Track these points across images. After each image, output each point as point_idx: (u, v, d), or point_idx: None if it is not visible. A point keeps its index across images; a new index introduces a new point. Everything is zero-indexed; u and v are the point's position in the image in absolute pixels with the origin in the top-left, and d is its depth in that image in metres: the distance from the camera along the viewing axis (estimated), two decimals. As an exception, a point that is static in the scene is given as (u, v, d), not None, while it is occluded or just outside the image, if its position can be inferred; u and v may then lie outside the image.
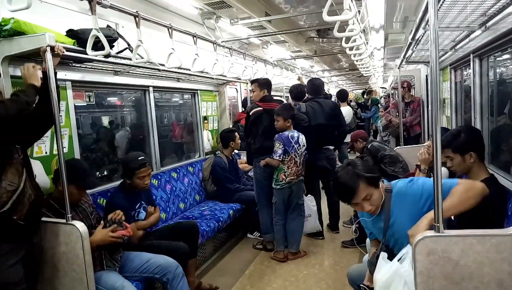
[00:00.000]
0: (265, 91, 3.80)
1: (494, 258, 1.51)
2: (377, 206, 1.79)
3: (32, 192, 1.85)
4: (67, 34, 2.26)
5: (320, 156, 3.97)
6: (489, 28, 2.39)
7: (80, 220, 2.26)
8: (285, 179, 3.44)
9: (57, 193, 2.27)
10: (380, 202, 1.79)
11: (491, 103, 2.84)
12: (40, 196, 1.97)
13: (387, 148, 4.00)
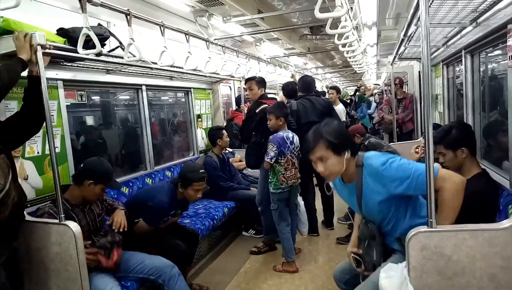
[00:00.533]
0: (262, 89, 3.77)
1: (487, 253, 1.53)
2: (332, 173, 1.76)
3: (16, 194, 1.80)
4: (58, 33, 2.23)
5: None
6: (480, 24, 2.40)
7: (86, 222, 2.29)
8: (286, 182, 3.27)
9: (75, 192, 2.26)
10: (338, 171, 1.75)
11: (483, 99, 2.86)
12: (23, 198, 1.92)
13: (384, 144, 4.00)
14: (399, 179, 1.64)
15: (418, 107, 5.75)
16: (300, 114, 3.82)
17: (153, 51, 2.86)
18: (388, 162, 1.68)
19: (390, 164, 1.67)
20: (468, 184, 2.02)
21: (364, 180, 1.75)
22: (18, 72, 1.85)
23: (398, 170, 1.65)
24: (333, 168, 1.73)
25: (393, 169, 1.65)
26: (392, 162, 1.68)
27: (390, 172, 1.65)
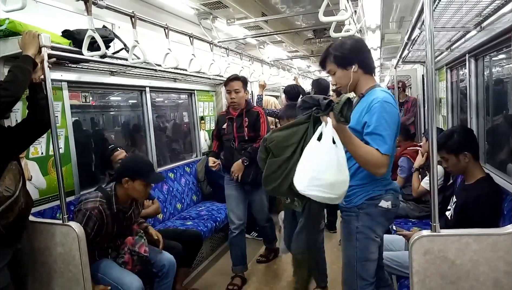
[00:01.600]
0: (247, 92, 3.32)
1: (490, 257, 1.52)
2: (341, 85, 1.81)
3: (24, 201, 1.82)
4: (63, 35, 2.25)
5: None
6: (484, 28, 2.40)
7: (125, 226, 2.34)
8: None
9: (121, 191, 2.28)
10: (345, 84, 1.78)
11: (486, 103, 2.86)
12: (30, 203, 1.94)
13: None
14: (363, 122, 1.67)
15: (421, 111, 5.75)
16: None
17: (157, 53, 2.87)
18: (380, 107, 1.64)
19: (380, 109, 1.63)
20: (472, 189, 2.03)
21: (358, 105, 1.77)
22: (31, 71, 1.87)
23: (371, 119, 1.64)
24: (339, 80, 1.80)
25: (373, 115, 1.64)
26: (380, 113, 1.63)
27: (370, 117, 1.65)
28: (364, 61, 1.78)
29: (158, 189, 3.59)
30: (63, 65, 2.59)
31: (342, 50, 1.76)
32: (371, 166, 1.63)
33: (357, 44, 1.79)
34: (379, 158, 1.60)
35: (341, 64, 1.77)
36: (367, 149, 1.61)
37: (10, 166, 1.79)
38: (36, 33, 1.90)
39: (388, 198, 1.77)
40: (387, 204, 1.76)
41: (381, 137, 1.61)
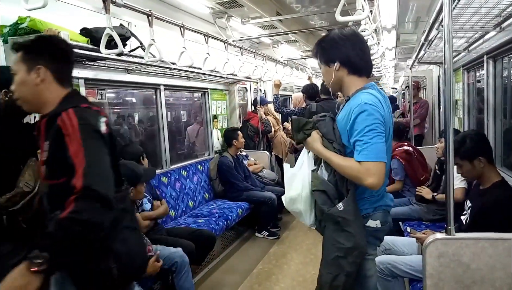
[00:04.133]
0: None
1: (507, 262, 1.49)
2: (327, 82, 1.69)
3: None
4: (81, 33, 2.29)
5: None
6: (504, 29, 2.36)
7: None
8: None
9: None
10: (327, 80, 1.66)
11: (504, 105, 2.81)
12: None
13: None
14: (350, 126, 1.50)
15: (435, 113, 5.67)
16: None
17: (172, 52, 2.90)
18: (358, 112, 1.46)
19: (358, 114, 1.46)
20: (488, 193, 2.00)
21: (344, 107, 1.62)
22: None
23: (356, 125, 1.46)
24: (324, 77, 1.71)
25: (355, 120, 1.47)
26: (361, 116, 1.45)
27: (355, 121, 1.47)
28: (347, 59, 1.58)
29: (171, 187, 3.63)
30: (80, 62, 2.63)
31: (324, 44, 1.63)
32: (354, 178, 1.46)
33: (339, 39, 1.59)
34: (359, 168, 1.42)
35: (322, 60, 1.65)
36: (342, 162, 1.49)
37: (30, 162, 1.84)
38: (56, 31, 1.94)
39: (377, 217, 1.62)
40: (375, 223, 1.61)
41: (361, 143, 1.43)
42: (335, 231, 1.54)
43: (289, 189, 1.66)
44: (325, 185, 1.54)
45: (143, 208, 2.76)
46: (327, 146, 1.56)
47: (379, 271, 2.21)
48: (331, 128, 1.59)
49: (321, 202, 1.53)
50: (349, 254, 1.53)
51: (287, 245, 3.95)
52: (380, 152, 1.42)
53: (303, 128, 1.62)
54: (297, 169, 1.66)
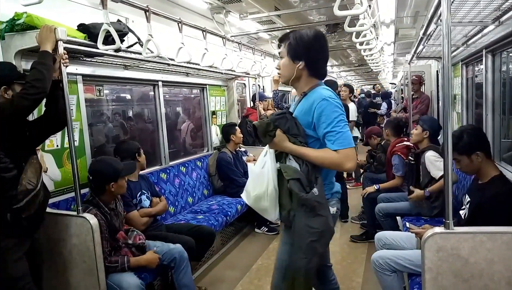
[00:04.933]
0: None
1: (505, 256, 1.50)
2: (282, 74, 1.76)
3: (43, 194, 1.89)
4: (79, 29, 2.28)
5: None
6: (503, 23, 2.35)
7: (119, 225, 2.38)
8: None
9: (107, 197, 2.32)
10: (286, 75, 1.73)
11: (503, 100, 2.81)
12: (48, 196, 2.01)
13: None
14: (317, 119, 1.61)
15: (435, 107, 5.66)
16: None
17: (170, 48, 2.88)
18: (326, 105, 1.59)
19: (326, 107, 1.59)
20: (487, 188, 2.00)
21: (300, 103, 1.72)
22: (53, 67, 1.91)
23: (321, 116, 1.59)
24: (283, 69, 1.74)
25: (323, 112, 1.59)
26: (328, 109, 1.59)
27: (318, 114, 1.60)
28: (313, 64, 1.70)
29: (170, 183, 3.62)
30: (78, 58, 2.62)
31: (298, 41, 1.67)
32: (335, 166, 1.62)
33: (315, 43, 1.68)
34: (338, 156, 1.56)
35: (291, 54, 1.69)
36: (320, 154, 1.60)
37: (32, 160, 1.85)
38: (53, 27, 1.93)
39: (334, 204, 1.77)
40: (332, 210, 1.74)
41: (334, 133, 1.56)
42: (308, 217, 1.62)
43: (254, 188, 1.68)
44: (298, 173, 1.60)
45: (142, 205, 2.76)
46: (294, 142, 1.64)
47: (378, 265, 2.22)
48: (293, 123, 1.66)
49: (298, 189, 1.58)
50: (323, 237, 1.66)
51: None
52: (351, 139, 1.59)
53: (267, 131, 1.64)
54: (260, 168, 1.69)
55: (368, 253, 3.48)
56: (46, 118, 1.99)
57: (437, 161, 2.90)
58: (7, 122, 1.75)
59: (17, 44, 2.06)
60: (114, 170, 2.29)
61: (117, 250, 2.32)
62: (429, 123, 3.16)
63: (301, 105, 1.70)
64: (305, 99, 1.70)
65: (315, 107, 1.60)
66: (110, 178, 2.26)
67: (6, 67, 1.92)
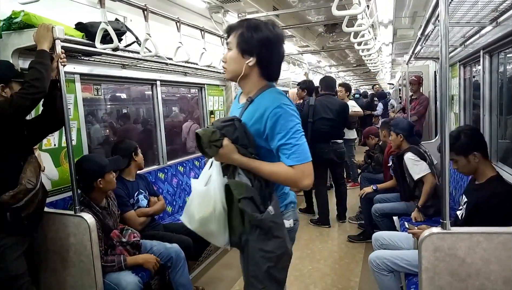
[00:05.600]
0: None
1: (501, 256, 1.51)
2: (228, 70, 1.49)
3: (41, 194, 1.90)
4: (76, 27, 2.27)
5: (328, 149, 4.14)
6: (500, 24, 2.36)
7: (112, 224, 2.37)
8: None
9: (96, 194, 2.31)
10: (232, 70, 1.48)
11: (500, 100, 2.82)
12: (46, 195, 2.01)
13: None
14: (269, 129, 1.39)
15: (432, 108, 5.67)
16: (316, 109, 4.09)
17: (168, 47, 2.88)
18: (282, 112, 1.37)
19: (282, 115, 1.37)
20: (483, 188, 2.01)
21: (248, 110, 1.48)
22: (51, 66, 1.91)
23: (281, 127, 1.37)
24: (229, 62, 1.48)
25: (278, 122, 1.37)
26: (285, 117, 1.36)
27: (271, 122, 1.37)
28: (267, 62, 1.46)
29: (168, 183, 3.62)
30: (75, 57, 2.61)
31: (252, 32, 1.41)
32: (290, 182, 1.43)
33: (272, 38, 1.43)
34: (294, 172, 1.36)
35: (241, 47, 1.44)
36: (274, 169, 1.40)
37: (31, 159, 1.85)
38: (50, 26, 1.92)
39: (289, 216, 1.57)
40: (289, 223, 1.55)
41: (289, 146, 1.36)
42: (262, 241, 1.40)
43: (200, 209, 1.43)
44: (251, 191, 1.40)
45: (139, 205, 2.76)
46: (244, 153, 1.41)
47: (375, 265, 2.23)
48: (243, 132, 1.43)
49: (251, 209, 1.37)
50: (280, 261, 1.44)
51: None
52: (307, 152, 1.39)
53: (212, 141, 1.39)
54: (204, 185, 1.45)
55: (365, 253, 3.49)
56: (44, 117, 1.99)
57: (415, 163, 2.97)
58: (6, 121, 1.75)
59: (15, 42, 2.05)
60: (98, 166, 2.28)
61: (112, 249, 2.32)
62: (400, 126, 3.22)
63: (249, 112, 1.46)
64: (253, 104, 1.46)
65: (268, 115, 1.37)
66: (96, 175, 2.25)
67: (3, 65, 1.92)
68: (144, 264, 2.31)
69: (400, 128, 3.19)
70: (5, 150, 1.78)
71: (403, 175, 3.12)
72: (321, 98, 4.21)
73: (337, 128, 4.22)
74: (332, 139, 4.17)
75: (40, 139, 2.16)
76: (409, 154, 3.01)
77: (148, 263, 2.31)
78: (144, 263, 2.30)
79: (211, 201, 1.40)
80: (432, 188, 2.91)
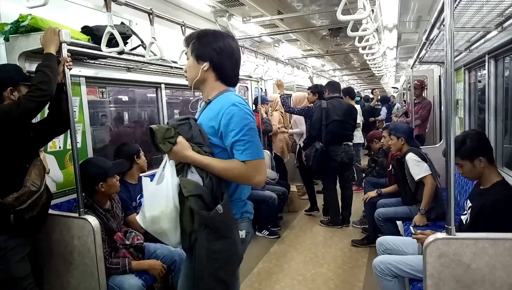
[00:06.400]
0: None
1: (507, 262, 1.50)
2: (188, 77, 1.55)
3: (46, 196, 1.91)
4: (82, 31, 2.29)
5: (340, 151, 4.21)
6: (506, 28, 2.35)
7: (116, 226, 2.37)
8: None
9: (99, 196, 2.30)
10: (191, 77, 1.54)
11: (505, 105, 2.80)
12: (50, 197, 2.01)
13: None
14: (224, 127, 1.43)
15: (437, 113, 5.65)
16: (329, 112, 4.15)
17: (173, 50, 2.89)
18: (236, 111, 1.41)
19: (235, 113, 1.41)
20: (488, 193, 2.00)
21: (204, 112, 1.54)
22: (58, 69, 1.92)
23: (234, 125, 1.40)
24: (188, 70, 1.55)
25: (231, 120, 1.41)
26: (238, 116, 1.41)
27: (227, 117, 1.41)
28: (220, 66, 1.51)
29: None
30: (81, 60, 2.63)
31: (202, 39, 1.50)
32: (242, 179, 1.44)
33: (221, 42, 1.49)
34: (247, 167, 1.40)
35: (195, 54, 1.51)
36: (226, 165, 1.42)
37: (36, 161, 1.86)
38: (57, 29, 1.94)
39: (243, 226, 1.55)
40: (241, 233, 1.52)
41: (243, 142, 1.39)
42: (211, 241, 1.39)
43: (150, 208, 1.44)
44: (200, 189, 1.41)
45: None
46: (198, 151, 1.43)
47: (379, 270, 2.22)
48: (197, 131, 1.47)
49: (199, 207, 1.37)
50: (229, 263, 1.45)
51: (288, 244, 3.95)
52: (260, 150, 1.44)
53: (166, 137, 1.43)
54: (158, 183, 1.46)
55: (369, 258, 3.47)
56: (49, 121, 2.00)
57: (417, 164, 2.99)
58: (13, 124, 1.76)
59: (22, 45, 2.07)
60: (101, 170, 2.28)
61: (116, 251, 2.32)
62: (400, 130, 3.25)
63: (206, 112, 1.51)
64: (210, 105, 1.52)
65: (222, 113, 1.41)
66: (98, 178, 2.25)
67: (12, 68, 1.94)
68: (150, 270, 2.30)
69: (401, 131, 3.20)
70: (10, 152, 1.79)
71: (404, 178, 3.11)
72: (331, 101, 4.26)
73: (348, 130, 4.31)
74: (344, 141, 4.27)
75: (45, 142, 2.18)
76: (411, 154, 3.02)
77: (153, 269, 2.31)
78: (149, 269, 2.30)
79: (163, 200, 1.40)
80: (432, 190, 2.91)
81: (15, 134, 1.79)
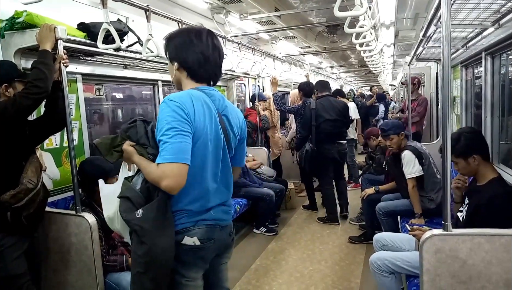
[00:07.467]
0: None
1: (503, 258, 1.51)
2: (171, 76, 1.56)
3: (42, 193, 1.90)
4: (79, 27, 2.28)
5: (333, 149, 4.24)
6: (503, 25, 2.35)
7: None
8: None
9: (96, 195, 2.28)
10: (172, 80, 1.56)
11: (502, 102, 2.81)
12: (47, 195, 2.01)
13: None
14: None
15: (433, 109, 5.67)
16: (319, 112, 4.12)
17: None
18: (160, 108, 1.37)
19: (160, 110, 1.36)
20: (484, 190, 2.01)
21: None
22: (54, 66, 1.91)
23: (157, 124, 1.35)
24: (169, 72, 1.57)
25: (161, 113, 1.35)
26: (160, 113, 1.35)
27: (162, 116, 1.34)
28: (185, 63, 1.47)
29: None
30: (77, 57, 2.62)
31: (167, 40, 1.51)
32: (155, 182, 1.33)
33: (180, 38, 1.48)
34: (157, 170, 1.30)
35: (168, 56, 1.52)
36: (147, 167, 1.37)
37: (32, 159, 1.85)
38: (52, 26, 1.93)
39: (195, 233, 1.42)
40: (192, 241, 1.42)
41: (161, 143, 1.31)
42: (136, 244, 1.37)
43: (106, 209, 1.49)
44: (131, 191, 1.39)
45: None
46: (142, 153, 1.41)
47: (376, 267, 2.23)
48: (142, 132, 1.45)
49: (123, 209, 1.37)
50: (149, 270, 1.37)
51: (285, 241, 3.96)
52: (180, 153, 1.28)
53: (113, 148, 1.46)
54: (115, 186, 1.47)
55: (366, 254, 3.48)
56: (45, 118, 1.99)
57: (411, 163, 3.02)
58: (8, 121, 1.76)
59: (17, 42, 2.06)
60: (101, 171, 2.25)
61: (114, 249, 2.32)
62: (396, 125, 3.26)
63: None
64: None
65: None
66: (99, 179, 2.23)
67: (7, 65, 1.93)
68: None
69: (397, 127, 3.22)
70: (6, 150, 1.78)
71: (401, 173, 3.12)
72: (320, 100, 4.24)
73: (340, 128, 4.30)
74: (337, 140, 4.27)
75: (42, 140, 2.17)
76: (408, 152, 3.04)
77: None
78: None
79: (115, 201, 1.43)
80: (415, 192, 2.98)
81: (11, 132, 1.78)
